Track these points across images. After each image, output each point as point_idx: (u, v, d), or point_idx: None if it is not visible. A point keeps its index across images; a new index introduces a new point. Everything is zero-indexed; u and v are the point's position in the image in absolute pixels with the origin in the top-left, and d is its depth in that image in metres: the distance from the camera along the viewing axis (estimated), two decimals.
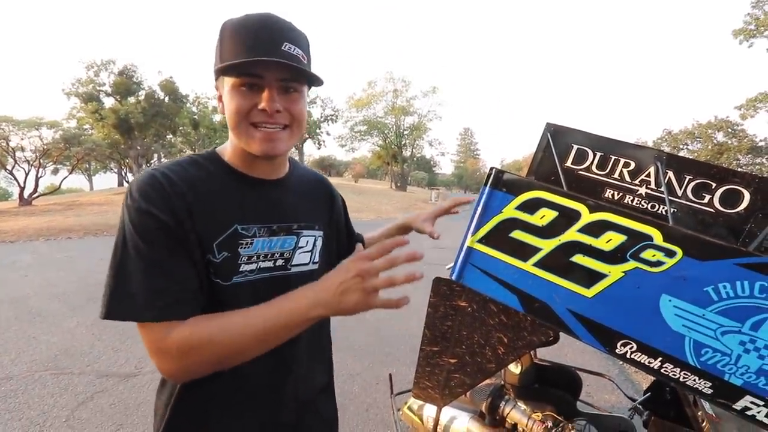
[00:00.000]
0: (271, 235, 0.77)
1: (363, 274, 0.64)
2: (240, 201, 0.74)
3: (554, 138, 1.14)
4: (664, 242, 0.70)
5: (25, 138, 16.39)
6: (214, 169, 0.74)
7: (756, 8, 16.66)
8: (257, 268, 0.75)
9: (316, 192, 0.94)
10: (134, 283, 0.62)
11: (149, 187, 0.65)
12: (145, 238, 0.63)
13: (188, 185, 0.68)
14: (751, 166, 19.76)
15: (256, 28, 0.67)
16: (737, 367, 0.67)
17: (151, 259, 0.63)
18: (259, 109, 0.69)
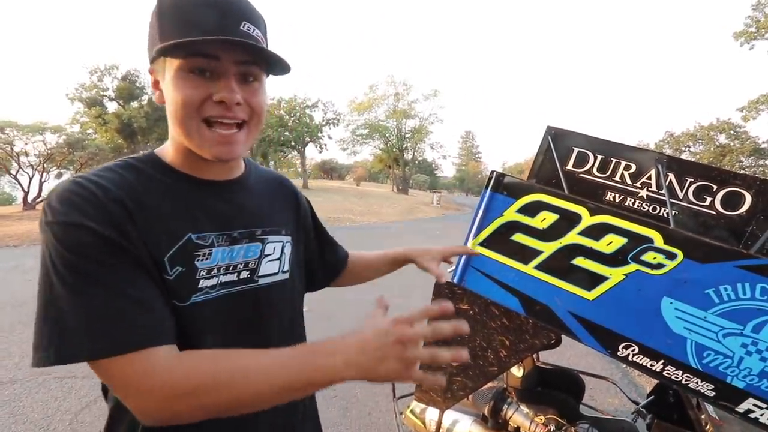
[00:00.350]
0: (232, 243, 0.66)
1: (405, 341, 0.53)
2: (191, 206, 0.63)
3: (555, 141, 1.15)
4: (665, 245, 0.71)
5: (29, 143, 16.51)
6: (155, 173, 0.62)
7: (756, 10, 16.66)
8: (218, 282, 0.64)
9: (279, 193, 0.83)
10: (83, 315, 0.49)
11: (76, 197, 0.52)
12: (83, 257, 0.50)
13: (126, 191, 0.56)
14: (754, 167, 19.69)
15: (207, 4, 0.56)
16: (739, 369, 0.67)
17: (100, 280, 0.51)
18: (214, 100, 0.58)
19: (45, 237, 0.52)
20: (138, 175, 0.60)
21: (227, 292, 0.65)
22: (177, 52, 0.56)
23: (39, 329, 0.51)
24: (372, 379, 0.54)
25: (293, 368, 0.53)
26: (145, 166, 0.62)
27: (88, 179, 0.55)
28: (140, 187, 0.59)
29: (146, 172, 0.62)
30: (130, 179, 0.59)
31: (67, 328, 0.49)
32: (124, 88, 20.74)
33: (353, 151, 35.97)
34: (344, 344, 0.54)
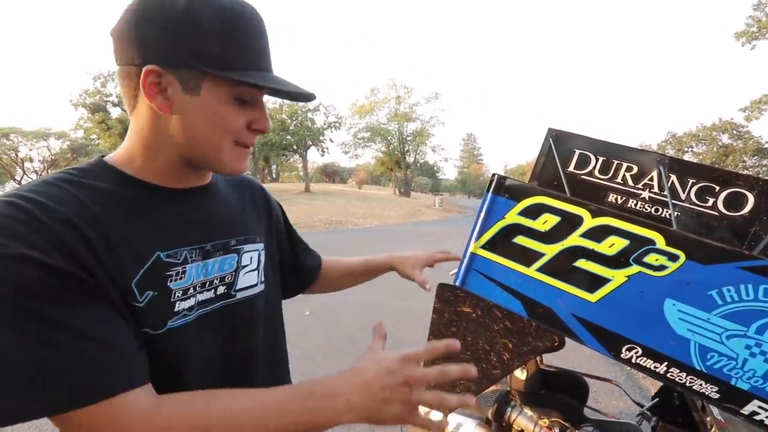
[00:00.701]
0: (206, 257, 0.60)
1: (412, 383, 0.50)
2: (157, 220, 0.56)
3: (556, 143, 1.15)
4: (667, 246, 0.71)
5: (33, 148, 16.67)
6: (109, 185, 0.54)
7: (757, 10, 16.64)
8: (196, 302, 0.58)
9: (249, 196, 0.77)
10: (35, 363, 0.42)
11: (11, 221, 0.44)
12: (29, 296, 0.43)
13: (73, 209, 0.48)
14: (757, 167, 19.60)
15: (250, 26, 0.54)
16: (744, 371, 0.66)
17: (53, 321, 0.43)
18: (252, 128, 0.58)
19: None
20: (88, 189, 0.52)
21: (204, 312, 0.60)
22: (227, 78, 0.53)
23: None
24: (374, 422, 0.51)
25: (290, 413, 0.48)
26: (94, 178, 0.54)
27: (26, 198, 0.47)
28: (91, 203, 0.51)
29: (97, 185, 0.53)
30: (77, 194, 0.51)
31: (16, 381, 0.41)
32: None
33: (355, 154, 36.08)
34: (345, 384, 0.50)
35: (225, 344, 0.63)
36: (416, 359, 0.52)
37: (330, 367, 3.18)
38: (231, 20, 0.52)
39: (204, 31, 0.51)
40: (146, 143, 0.57)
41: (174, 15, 0.51)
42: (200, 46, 0.51)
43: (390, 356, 0.52)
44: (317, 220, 15.41)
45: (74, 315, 0.45)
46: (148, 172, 0.58)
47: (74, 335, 0.44)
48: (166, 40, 0.51)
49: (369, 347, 0.56)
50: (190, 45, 0.51)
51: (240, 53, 0.53)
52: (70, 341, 0.44)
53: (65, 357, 0.43)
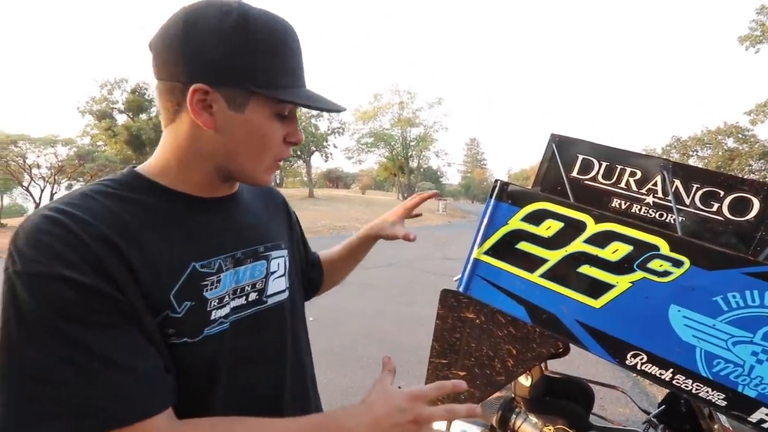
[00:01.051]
0: (237, 265, 0.62)
1: (420, 421, 0.53)
2: (190, 230, 0.57)
3: (559, 148, 1.15)
4: (671, 252, 0.71)
5: (40, 155, 16.87)
6: (144, 197, 0.55)
7: (761, 14, 16.62)
8: (230, 309, 0.60)
9: (272, 204, 0.79)
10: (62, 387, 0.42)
11: (50, 237, 0.44)
12: (63, 317, 0.43)
13: (111, 224, 0.49)
14: (764, 171, 19.45)
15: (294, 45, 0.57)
16: (750, 378, 0.66)
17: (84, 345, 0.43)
18: (289, 142, 0.60)
19: (11, 288, 0.43)
20: (124, 202, 0.53)
21: (237, 317, 0.61)
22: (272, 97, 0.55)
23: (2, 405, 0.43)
24: None
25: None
26: (129, 190, 0.55)
27: (64, 212, 0.47)
28: (128, 216, 0.51)
29: (133, 197, 0.54)
30: (114, 208, 0.51)
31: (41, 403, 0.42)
32: (134, 100, 21.15)
33: (358, 159, 36.18)
34: (358, 421, 0.52)
35: (257, 348, 0.64)
36: (424, 398, 0.54)
37: (332, 373, 3.17)
38: (277, 40, 0.54)
39: (252, 51, 0.53)
40: (184, 155, 0.58)
41: (223, 35, 0.52)
42: (249, 66, 0.53)
43: (400, 394, 0.54)
44: (321, 226, 15.44)
45: (104, 339, 0.45)
46: (183, 183, 0.59)
47: (102, 361, 0.44)
48: (216, 60, 0.52)
49: (379, 381, 0.58)
50: (240, 65, 0.53)
51: (285, 72, 0.56)
52: (98, 367, 0.44)
53: (93, 383, 0.44)
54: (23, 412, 0.42)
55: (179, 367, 0.53)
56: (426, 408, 0.53)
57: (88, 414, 0.43)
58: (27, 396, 0.42)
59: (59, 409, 0.42)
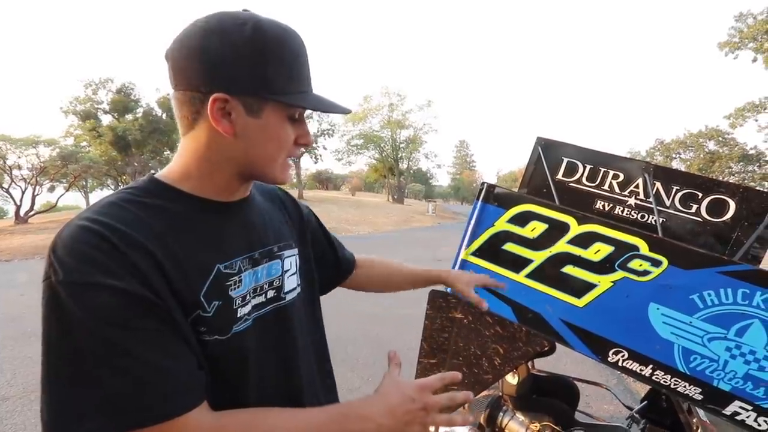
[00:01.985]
0: (255, 265, 0.66)
1: (429, 408, 0.59)
2: (212, 233, 0.61)
3: (545, 151, 1.18)
4: (650, 252, 0.73)
5: (22, 156, 16.43)
6: (167, 203, 0.58)
7: (739, 21, 17.12)
8: (252, 307, 0.64)
9: (280, 205, 0.83)
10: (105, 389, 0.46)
11: (91, 248, 0.47)
12: (106, 324, 0.46)
13: (144, 233, 0.52)
14: (743, 173, 20.00)
15: (300, 52, 0.61)
16: (725, 372, 0.69)
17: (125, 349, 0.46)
18: (300, 143, 0.64)
19: (53, 297, 0.46)
20: (149, 209, 0.56)
21: (259, 314, 0.66)
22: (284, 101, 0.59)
23: (47, 405, 0.46)
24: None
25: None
26: (151, 197, 0.58)
27: (98, 221, 0.50)
28: (155, 222, 0.55)
29: (156, 204, 0.57)
30: (142, 215, 0.54)
31: (87, 405, 0.45)
32: (119, 101, 20.75)
33: (348, 161, 36.09)
34: (375, 409, 0.58)
35: (280, 342, 0.69)
36: (431, 388, 0.61)
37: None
38: (287, 49, 0.58)
39: (266, 61, 0.56)
40: (204, 161, 0.61)
41: (240, 47, 0.55)
42: (263, 75, 0.56)
43: (410, 385, 0.61)
44: None
45: (141, 342, 0.48)
46: (204, 188, 0.62)
47: (144, 362, 0.48)
48: (234, 70, 0.56)
49: (388, 373, 0.64)
50: (255, 74, 0.56)
51: (294, 79, 0.60)
52: (137, 368, 0.47)
53: (130, 383, 0.47)
54: (67, 412, 0.45)
55: (211, 363, 0.57)
56: (432, 396, 0.60)
57: (128, 411, 0.46)
58: (70, 397, 0.45)
59: (101, 408, 0.45)
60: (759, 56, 17.19)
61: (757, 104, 18.36)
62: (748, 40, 17.04)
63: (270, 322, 0.67)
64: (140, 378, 0.47)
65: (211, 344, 0.56)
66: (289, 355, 0.70)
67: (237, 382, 0.60)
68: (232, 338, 0.59)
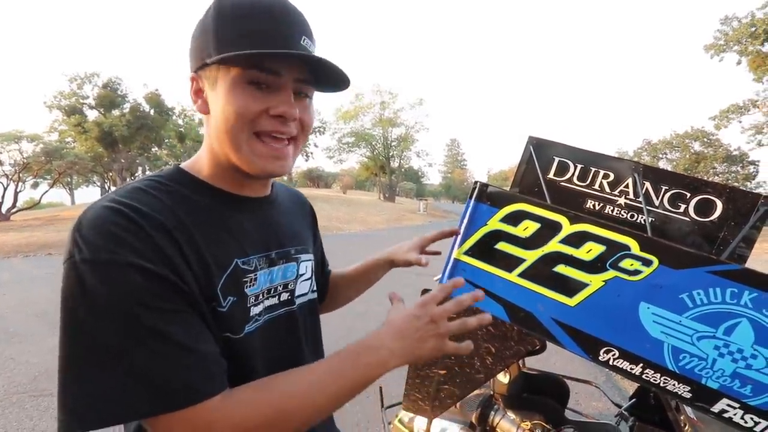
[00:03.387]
0: (271, 265, 0.63)
1: (436, 319, 0.57)
2: (232, 228, 0.59)
3: (537, 151, 1.18)
4: (641, 251, 0.74)
5: (3, 151, 16.02)
6: (189, 192, 0.57)
7: (724, 25, 17.48)
8: (264, 308, 0.61)
9: (301, 210, 0.81)
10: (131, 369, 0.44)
11: (116, 228, 0.46)
12: (131, 302, 0.44)
13: (168, 217, 0.51)
14: (727, 174, 20.46)
15: (271, 12, 0.53)
16: (713, 371, 0.69)
17: (150, 329, 0.45)
18: (271, 114, 0.55)
19: (77, 276, 0.44)
20: (173, 197, 0.55)
21: (270, 316, 0.63)
22: (237, 62, 0.52)
23: (71, 387, 0.44)
24: (416, 360, 0.57)
25: (346, 373, 0.54)
26: (176, 185, 0.56)
27: (124, 203, 0.49)
28: (180, 211, 0.53)
29: (180, 192, 0.56)
30: (167, 202, 0.53)
31: (112, 385, 0.43)
32: (105, 96, 20.35)
33: (339, 159, 35.98)
34: (384, 336, 0.56)
35: (283, 346, 0.66)
36: (434, 300, 0.59)
37: None
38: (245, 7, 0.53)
39: (220, 27, 0.53)
40: (208, 149, 0.60)
41: (203, 22, 0.55)
42: (216, 41, 0.53)
43: (411, 306, 0.59)
44: None
45: (168, 322, 0.47)
46: (215, 178, 0.60)
47: (168, 344, 0.46)
48: (196, 46, 0.55)
49: (393, 306, 0.63)
50: (210, 43, 0.53)
51: (249, 35, 0.51)
52: (165, 350, 0.46)
53: (159, 365, 0.45)
54: (91, 394, 0.43)
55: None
56: (438, 307, 0.58)
57: (158, 393, 0.45)
58: (95, 378, 0.44)
59: (129, 389, 0.44)
60: (743, 59, 17.57)
61: (741, 106, 18.79)
62: (733, 42, 17.41)
63: (280, 326, 0.65)
64: (170, 358, 0.46)
65: (222, 341, 0.54)
66: (296, 361, 0.66)
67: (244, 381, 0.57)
68: (243, 338, 0.57)
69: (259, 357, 0.60)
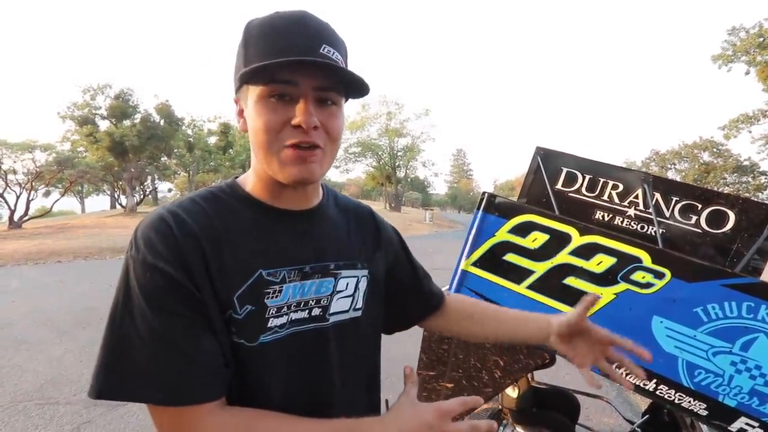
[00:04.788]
0: (304, 278, 0.63)
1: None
2: (264, 239, 0.61)
3: (544, 161, 1.17)
4: (653, 264, 0.72)
5: (17, 161, 16.35)
6: (232, 202, 0.62)
7: (732, 35, 17.46)
8: (288, 321, 0.61)
9: (358, 223, 0.77)
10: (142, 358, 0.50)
11: (155, 233, 0.53)
12: (152, 301, 0.51)
13: (201, 225, 0.56)
14: (737, 184, 20.20)
15: (289, 27, 0.55)
16: (730, 387, 0.67)
17: (163, 330, 0.51)
18: (292, 125, 0.56)
19: (125, 269, 0.53)
20: (217, 205, 0.60)
21: (296, 330, 0.62)
22: (256, 78, 0.55)
23: (99, 357, 0.52)
24: None
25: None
26: (224, 195, 0.62)
27: (171, 212, 0.56)
28: (217, 219, 0.58)
29: (225, 201, 0.61)
30: (208, 211, 0.58)
31: (123, 365, 0.51)
32: (117, 106, 20.74)
33: (346, 168, 36.17)
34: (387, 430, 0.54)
35: (309, 363, 0.65)
36: (451, 413, 0.55)
37: None
38: (269, 28, 0.56)
39: (246, 48, 0.57)
40: (252, 163, 0.64)
41: (238, 47, 0.59)
42: (244, 62, 0.56)
43: (428, 409, 0.55)
44: None
45: (176, 326, 0.52)
46: (259, 191, 0.64)
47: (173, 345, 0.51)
48: (234, 69, 0.60)
49: (404, 393, 0.60)
50: (240, 64, 0.57)
51: (275, 52, 0.54)
52: (170, 349, 0.51)
53: (165, 361, 0.51)
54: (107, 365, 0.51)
55: (238, 365, 0.57)
56: (453, 424, 0.54)
57: (145, 385, 0.50)
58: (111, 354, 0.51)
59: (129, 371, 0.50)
60: (751, 69, 17.48)
61: (751, 116, 18.63)
62: (741, 53, 17.36)
63: (305, 341, 0.63)
64: (162, 358, 0.50)
65: (237, 346, 0.57)
66: (322, 380, 0.66)
67: (260, 391, 0.59)
68: (258, 347, 0.58)
69: (276, 369, 0.60)
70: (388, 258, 0.81)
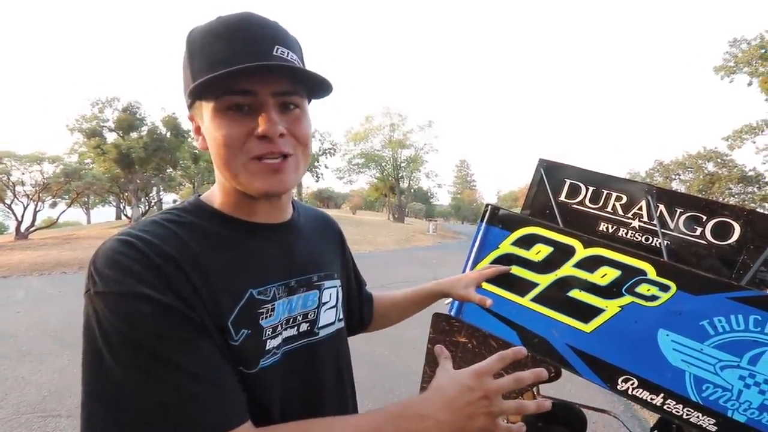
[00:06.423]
0: (290, 293, 0.60)
1: (491, 395, 0.51)
2: (247, 256, 0.57)
3: (547, 173, 1.18)
4: (658, 276, 0.72)
5: (26, 172, 16.57)
6: (204, 222, 0.56)
7: (734, 47, 17.55)
8: (282, 340, 0.58)
9: (326, 233, 0.77)
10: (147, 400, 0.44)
11: (126, 258, 0.46)
12: (143, 332, 0.44)
13: (175, 247, 0.50)
14: (743, 194, 20.07)
15: (234, 32, 0.50)
16: (739, 402, 0.66)
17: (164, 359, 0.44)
18: (256, 136, 0.52)
19: (93, 308, 0.45)
20: (186, 228, 0.54)
21: (288, 349, 0.60)
22: (208, 93, 0.51)
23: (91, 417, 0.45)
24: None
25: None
26: (191, 216, 0.56)
27: (135, 236, 0.49)
28: (191, 242, 0.52)
29: (194, 223, 0.55)
30: (179, 233, 0.52)
31: (129, 417, 0.43)
32: (125, 119, 21.07)
33: (349, 180, 36.33)
34: (432, 405, 0.52)
35: (303, 382, 0.63)
36: (489, 372, 0.53)
37: None
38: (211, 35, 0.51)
39: (191, 61, 0.52)
40: (216, 179, 0.60)
41: (183, 61, 0.54)
42: (191, 73, 0.52)
43: (465, 373, 0.54)
44: None
45: (182, 352, 0.46)
46: (228, 206, 0.59)
47: (183, 374, 0.45)
48: (184, 86, 0.55)
49: (441, 366, 0.59)
50: (188, 78, 0.53)
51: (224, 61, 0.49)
52: (181, 380, 0.45)
53: (175, 395, 0.44)
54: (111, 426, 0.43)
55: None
56: (494, 381, 0.52)
57: (174, 424, 0.44)
58: (115, 409, 0.43)
59: (145, 421, 0.43)
60: (754, 80, 17.51)
61: (755, 126, 18.60)
62: (743, 64, 17.42)
63: (299, 359, 0.61)
64: (183, 388, 0.45)
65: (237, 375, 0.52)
66: (316, 397, 0.64)
67: (259, 415, 0.54)
68: (257, 373, 0.54)
69: (276, 392, 0.57)
70: (348, 267, 0.82)
